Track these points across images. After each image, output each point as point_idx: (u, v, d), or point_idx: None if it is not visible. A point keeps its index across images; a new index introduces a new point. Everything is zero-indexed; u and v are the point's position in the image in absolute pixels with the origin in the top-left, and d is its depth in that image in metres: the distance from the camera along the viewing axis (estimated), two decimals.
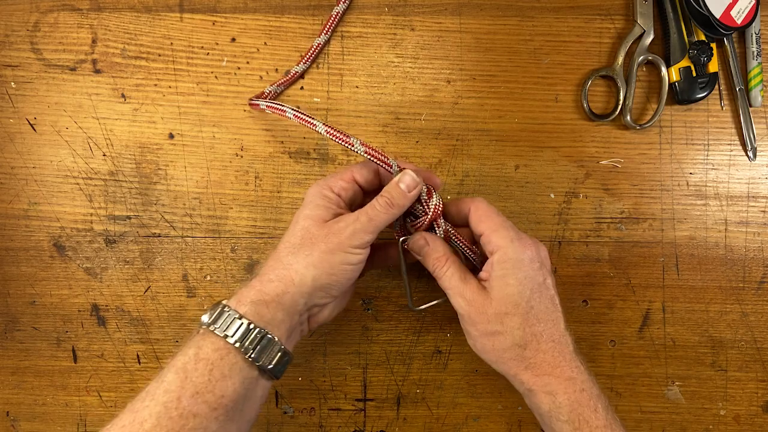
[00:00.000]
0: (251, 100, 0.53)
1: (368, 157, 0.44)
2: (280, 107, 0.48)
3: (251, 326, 0.40)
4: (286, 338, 0.42)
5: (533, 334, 0.43)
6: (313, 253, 0.42)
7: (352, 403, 0.56)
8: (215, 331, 0.40)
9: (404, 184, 0.44)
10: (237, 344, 0.39)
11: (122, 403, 0.56)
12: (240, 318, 0.40)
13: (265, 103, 0.50)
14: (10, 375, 0.57)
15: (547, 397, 0.42)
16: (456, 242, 0.47)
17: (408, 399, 0.56)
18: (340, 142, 0.44)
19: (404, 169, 0.45)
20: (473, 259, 0.48)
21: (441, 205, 0.46)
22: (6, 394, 0.56)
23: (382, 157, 0.44)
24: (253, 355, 0.39)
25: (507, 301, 0.43)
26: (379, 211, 0.44)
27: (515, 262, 0.43)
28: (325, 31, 0.55)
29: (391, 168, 0.45)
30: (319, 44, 0.55)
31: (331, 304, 0.46)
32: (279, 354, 0.41)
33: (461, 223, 0.48)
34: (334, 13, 0.55)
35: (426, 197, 0.46)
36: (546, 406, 0.43)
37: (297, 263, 0.42)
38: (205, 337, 0.40)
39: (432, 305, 0.51)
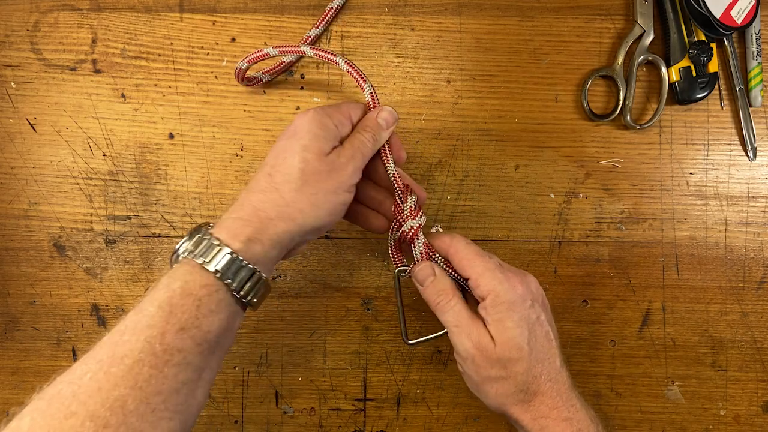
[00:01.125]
0: (243, 79, 0.53)
1: (348, 69, 0.46)
2: (260, 52, 0.49)
3: (243, 263, 0.38)
4: (270, 272, 0.41)
5: (533, 376, 0.42)
6: (317, 193, 0.41)
7: (352, 403, 0.56)
8: (205, 266, 0.38)
9: (382, 119, 0.45)
10: (227, 281, 0.38)
11: None
12: (232, 253, 0.38)
13: (245, 61, 0.51)
14: (10, 375, 0.57)
15: None
16: (449, 272, 0.46)
17: (408, 399, 0.56)
18: (326, 57, 0.47)
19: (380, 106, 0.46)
20: (465, 288, 0.46)
21: (421, 210, 0.46)
22: (6, 394, 0.56)
23: (360, 77, 0.46)
24: (241, 293, 0.38)
25: (509, 346, 0.42)
26: (368, 146, 0.43)
27: (509, 304, 0.42)
28: (317, 25, 0.55)
29: (364, 86, 0.46)
30: (308, 37, 0.55)
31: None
32: (263, 289, 0.40)
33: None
34: (328, 8, 0.55)
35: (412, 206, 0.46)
36: None
37: (301, 201, 0.40)
38: (193, 271, 0.38)
39: (427, 339, 0.49)
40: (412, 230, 0.46)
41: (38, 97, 0.56)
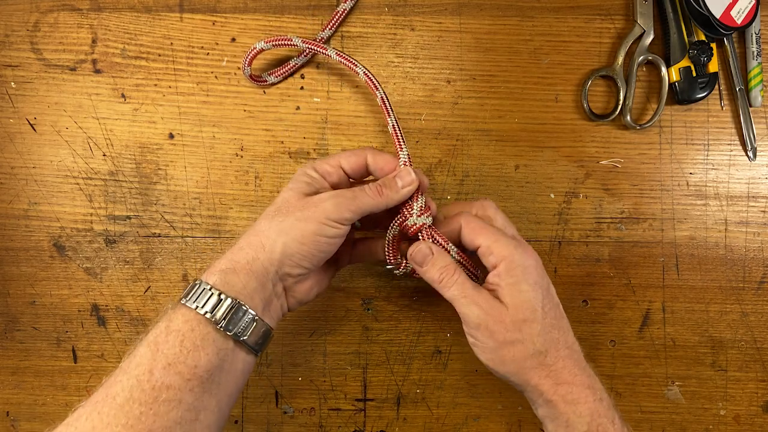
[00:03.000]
0: (253, 76, 0.54)
1: (340, 59, 0.50)
2: (254, 50, 0.52)
3: (221, 296, 0.39)
4: (262, 309, 0.41)
5: (552, 340, 0.42)
6: (285, 220, 0.42)
7: (352, 403, 0.56)
8: (186, 303, 0.39)
9: (401, 180, 0.44)
10: (207, 315, 0.38)
11: None
12: (210, 288, 0.39)
13: (247, 63, 0.53)
14: (10, 375, 0.57)
15: (568, 407, 0.41)
16: (453, 253, 0.46)
17: (408, 399, 0.56)
18: (317, 50, 0.50)
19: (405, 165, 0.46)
20: (472, 271, 0.47)
21: (431, 210, 0.46)
22: (6, 394, 0.56)
23: (352, 63, 0.50)
24: (224, 325, 0.39)
25: (524, 307, 0.42)
26: (367, 194, 0.43)
27: (524, 269, 0.42)
28: (329, 27, 0.55)
29: (357, 69, 0.49)
30: (321, 39, 0.55)
31: (308, 280, 0.45)
32: (254, 324, 0.40)
33: (453, 243, 0.46)
34: (339, 9, 0.55)
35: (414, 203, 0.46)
36: (565, 417, 0.41)
37: (269, 229, 0.41)
38: (176, 310, 0.39)
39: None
40: (416, 226, 0.45)
41: (38, 97, 0.56)
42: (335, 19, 0.55)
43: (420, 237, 0.46)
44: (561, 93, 0.56)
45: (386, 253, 0.47)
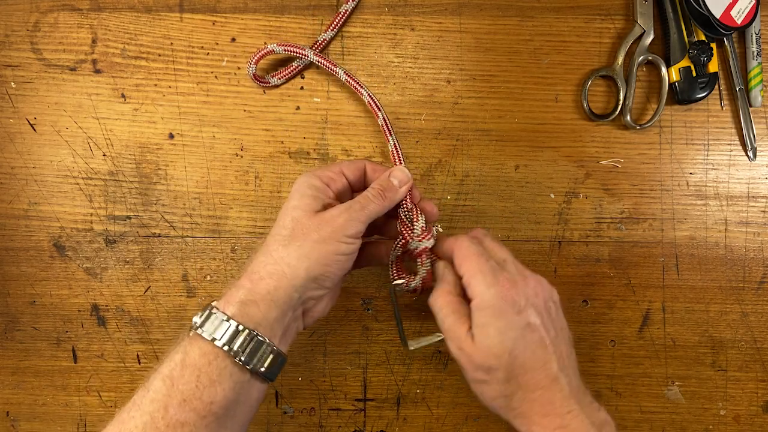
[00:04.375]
0: (257, 78, 0.54)
1: (347, 79, 0.52)
2: (265, 49, 0.53)
3: (240, 328, 0.38)
4: (280, 337, 0.41)
5: (519, 385, 0.41)
6: (305, 244, 0.41)
7: (352, 403, 0.56)
8: (202, 335, 0.38)
9: (396, 179, 0.45)
10: (225, 347, 0.38)
11: (122, 403, 0.56)
12: (228, 320, 0.38)
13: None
14: (10, 375, 0.57)
15: None
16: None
17: (408, 399, 0.56)
18: (328, 67, 0.52)
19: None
20: None
21: (431, 233, 0.46)
22: (6, 394, 0.56)
23: (358, 86, 0.52)
24: (243, 358, 0.38)
25: (489, 353, 0.40)
26: (371, 200, 0.43)
27: (494, 310, 0.41)
28: (331, 28, 0.55)
29: (362, 91, 0.52)
30: (324, 40, 0.55)
31: (326, 297, 0.45)
32: (271, 356, 0.39)
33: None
34: (342, 11, 0.55)
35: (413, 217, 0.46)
36: None
37: (288, 256, 0.40)
38: (192, 342, 0.39)
39: (428, 345, 0.49)
40: (417, 251, 0.46)
41: (38, 97, 0.56)
42: (338, 20, 0.55)
43: (419, 261, 0.46)
44: (561, 93, 0.56)
45: (391, 273, 0.48)
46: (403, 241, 0.46)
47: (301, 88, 0.56)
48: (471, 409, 0.56)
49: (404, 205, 0.46)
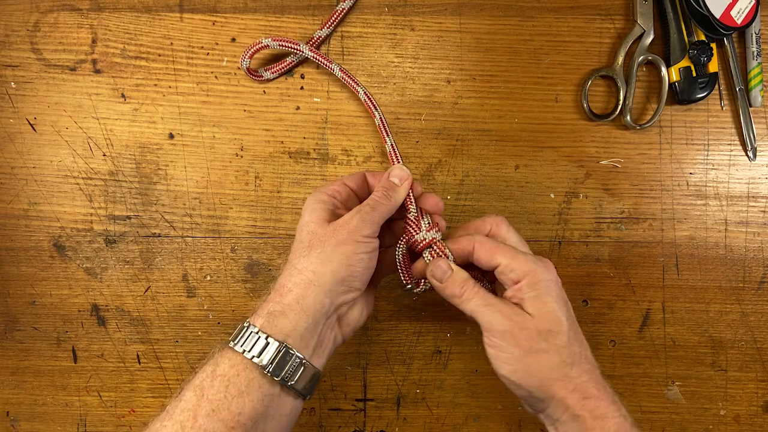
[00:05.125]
0: (250, 71, 0.54)
1: (342, 76, 0.53)
2: (259, 44, 0.52)
3: (269, 339, 0.39)
4: (313, 348, 0.41)
5: (576, 354, 0.41)
6: (325, 249, 0.41)
7: (352, 403, 0.56)
8: (233, 347, 0.39)
9: (396, 177, 0.46)
10: (254, 359, 0.38)
11: (122, 403, 0.56)
12: (258, 332, 0.39)
13: (247, 56, 0.53)
14: (10, 375, 0.57)
15: (596, 422, 0.40)
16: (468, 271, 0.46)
17: (408, 399, 0.56)
18: (322, 62, 0.53)
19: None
20: (488, 286, 0.46)
21: (439, 226, 0.47)
22: (6, 394, 0.56)
23: (354, 83, 0.52)
24: (271, 370, 0.38)
25: (549, 318, 0.41)
26: (379, 201, 0.44)
27: (546, 283, 0.42)
28: (327, 26, 0.55)
29: (358, 89, 0.52)
30: (318, 37, 0.55)
31: (359, 303, 0.45)
32: (302, 368, 0.39)
33: (461, 262, 0.46)
34: (338, 8, 0.55)
35: (418, 215, 0.47)
36: None
37: (312, 264, 0.41)
38: (223, 354, 0.39)
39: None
40: (425, 241, 0.46)
41: (38, 97, 0.56)
42: (334, 18, 0.55)
43: (430, 253, 0.46)
44: (561, 93, 0.56)
45: (401, 274, 0.48)
46: (407, 236, 0.47)
47: (301, 88, 0.56)
48: (471, 409, 0.56)
49: (407, 206, 0.47)
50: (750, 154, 0.56)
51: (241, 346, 0.39)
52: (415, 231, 0.46)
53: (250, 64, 0.54)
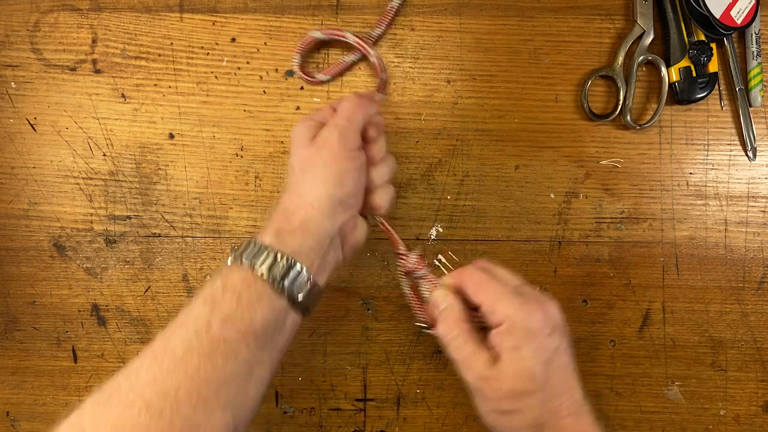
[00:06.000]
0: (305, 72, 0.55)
1: (357, 42, 0.53)
2: (307, 37, 0.54)
3: (278, 255, 0.40)
4: (317, 267, 0.42)
5: (551, 410, 0.39)
6: (316, 172, 0.42)
7: (352, 403, 0.56)
8: (243, 262, 0.40)
9: (361, 92, 0.47)
10: (263, 274, 0.39)
11: None
12: (267, 248, 0.40)
13: (298, 50, 0.54)
14: (10, 375, 0.57)
15: None
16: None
17: (408, 399, 0.56)
18: (363, 47, 0.53)
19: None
20: (481, 320, 0.44)
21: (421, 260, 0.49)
22: (6, 394, 0.57)
23: (367, 46, 0.53)
24: (279, 284, 0.39)
25: (522, 377, 0.39)
26: (351, 109, 0.44)
27: (527, 332, 0.39)
28: (380, 25, 0.55)
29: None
30: (378, 36, 0.55)
31: (359, 223, 0.46)
32: (308, 285, 0.41)
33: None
34: (389, 7, 0.55)
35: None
36: None
37: (304, 184, 0.42)
38: (232, 269, 0.40)
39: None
40: (415, 277, 0.48)
41: (38, 97, 0.56)
42: (387, 17, 0.55)
43: (421, 287, 0.48)
44: (561, 93, 0.56)
45: (413, 308, 0.48)
46: (403, 264, 0.49)
47: (301, 88, 0.56)
48: (471, 409, 0.56)
49: (392, 238, 0.49)
50: (750, 154, 0.56)
51: (251, 260, 0.39)
52: (405, 265, 0.48)
53: (301, 61, 0.54)
